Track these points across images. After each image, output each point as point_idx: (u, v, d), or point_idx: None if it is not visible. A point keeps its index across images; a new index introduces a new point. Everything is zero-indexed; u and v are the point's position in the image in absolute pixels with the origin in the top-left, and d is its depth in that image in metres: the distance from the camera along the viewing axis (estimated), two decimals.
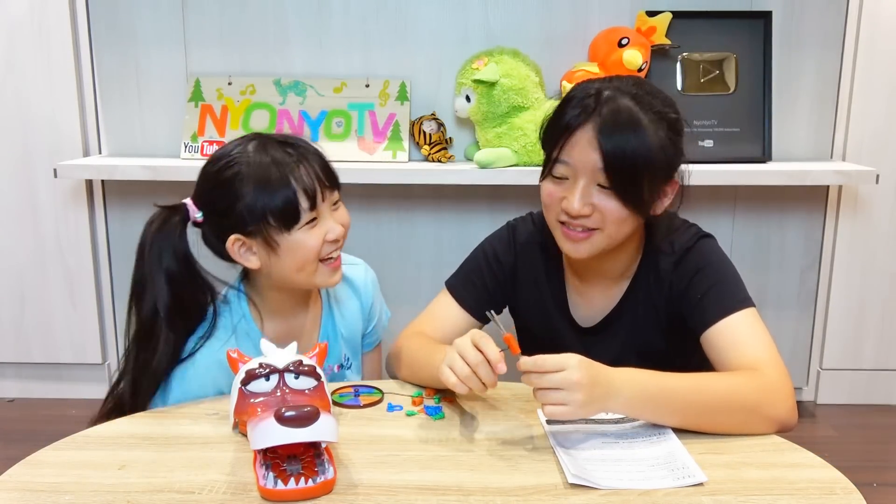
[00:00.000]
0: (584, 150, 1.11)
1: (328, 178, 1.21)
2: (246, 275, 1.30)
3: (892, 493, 0.90)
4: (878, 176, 2.11)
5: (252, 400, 0.98)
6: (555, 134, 1.15)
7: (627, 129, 1.09)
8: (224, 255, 1.23)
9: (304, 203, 1.17)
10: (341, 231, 1.22)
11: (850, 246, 2.32)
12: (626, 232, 1.17)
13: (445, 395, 1.17)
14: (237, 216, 1.18)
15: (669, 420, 1.04)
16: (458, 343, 1.05)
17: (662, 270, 1.23)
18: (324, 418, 0.89)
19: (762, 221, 2.30)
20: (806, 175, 2.10)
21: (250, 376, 0.98)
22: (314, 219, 1.19)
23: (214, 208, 1.22)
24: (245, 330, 1.26)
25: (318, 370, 1.02)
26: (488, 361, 1.02)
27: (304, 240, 1.18)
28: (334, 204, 1.24)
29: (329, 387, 1.06)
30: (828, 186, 2.29)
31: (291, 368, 0.99)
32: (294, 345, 1.04)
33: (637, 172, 1.11)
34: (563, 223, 1.17)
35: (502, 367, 1.01)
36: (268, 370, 0.98)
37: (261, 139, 1.23)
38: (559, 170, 1.15)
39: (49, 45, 2.22)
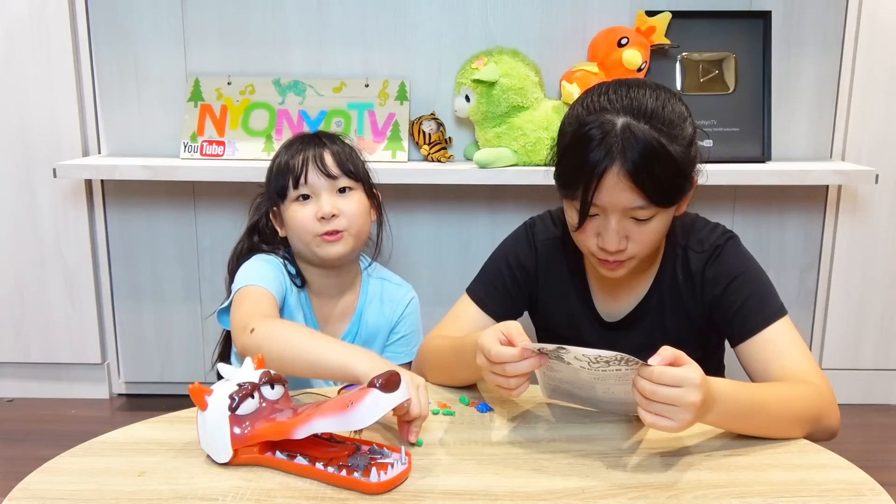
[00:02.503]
0: (615, 192, 1.07)
1: (335, 164, 1.38)
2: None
3: (892, 493, 0.90)
4: (877, 176, 2.11)
5: (252, 422, 0.95)
6: (579, 180, 1.09)
7: (656, 161, 1.06)
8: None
9: (291, 178, 1.37)
10: (328, 210, 1.35)
11: (849, 246, 2.32)
12: (658, 245, 1.18)
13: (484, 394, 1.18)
14: (267, 190, 1.45)
15: (752, 431, 1.03)
16: (482, 363, 1.03)
17: (693, 269, 1.22)
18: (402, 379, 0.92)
19: (762, 221, 2.30)
20: (805, 175, 2.10)
21: (242, 398, 0.95)
22: (306, 196, 1.38)
23: None
24: (296, 293, 1.44)
25: (282, 376, 1.01)
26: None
27: (295, 212, 1.38)
28: (342, 191, 1.39)
29: (332, 390, 1.06)
30: (827, 186, 2.29)
31: (265, 380, 0.97)
32: (247, 360, 1.02)
33: (674, 194, 1.11)
34: (598, 258, 1.16)
35: (544, 360, 1.00)
36: (251, 387, 0.96)
37: (303, 133, 1.46)
38: (590, 210, 1.12)
39: (48, 44, 2.22)
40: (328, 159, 1.38)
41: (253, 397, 0.95)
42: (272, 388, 0.97)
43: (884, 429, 2.30)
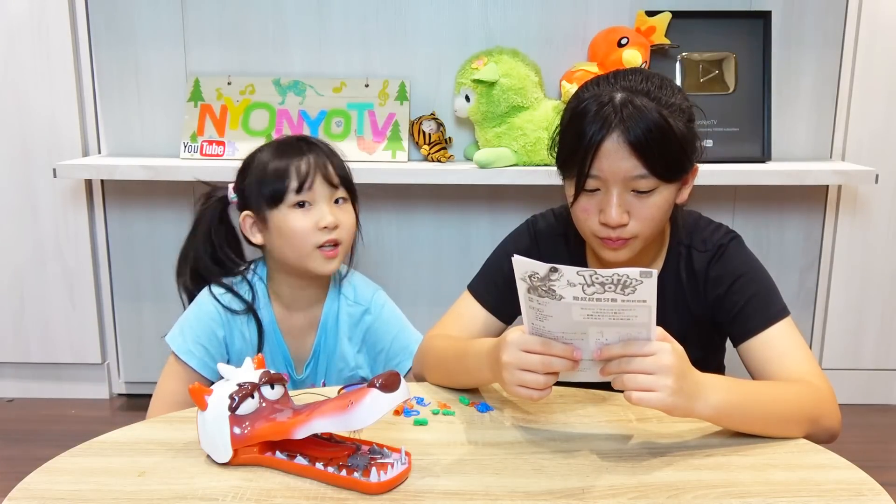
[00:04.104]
0: (614, 160, 1.08)
1: (335, 174, 1.34)
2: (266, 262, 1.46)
3: (892, 493, 0.90)
4: (877, 176, 2.11)
5: (252, 422, 0.95)
6: (577, 151, 1.11)
7: (655, 128, 1.07)
8: (247, 237, 1.41)
9: (293, 184, 1.30)
10: (332, 220, 1.31)
11: (849, 246, 2.32)
12: (660, 227, 1.18)
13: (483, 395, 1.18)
14: (247, 193, 1.36)
15: (748, 427, 1.02)
16: (511, 359, 0.99)
17: (697, 268, 1.22)
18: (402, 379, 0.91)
19: (762, 221, 2.30)
20: (805, 175, 2.10)
21: (242, 398, 0.95)
22: (306, 203, 1.32)
23: (239, 189, 1.39)
24: (265, 312, 1.40)
25: (283, 375, 1.01)
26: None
27: (291, 220, 1.32)
28: (338, 202, 1.35)
29: (332, 390, 1.06)
30: (827, 186, 2.29)
31: (265, 380, 0.97)
32: (247, 360, 1.02)
33: (675, 167, 1.11)
34: (601, 237, 1.15)
35: (578, 354, 0.97)
36: (250, 387, 0.96)
37: (292, 136, 1.39)
38: (590, 183, 1.12)
39: (48, 44, 2.22)
40: (330, 168, 1.34)
41: (253, 397, 0.95)
42: (272, 388, 0.97)
43: (884, 429, 2.30)
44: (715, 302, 1.22)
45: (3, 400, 2.44)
